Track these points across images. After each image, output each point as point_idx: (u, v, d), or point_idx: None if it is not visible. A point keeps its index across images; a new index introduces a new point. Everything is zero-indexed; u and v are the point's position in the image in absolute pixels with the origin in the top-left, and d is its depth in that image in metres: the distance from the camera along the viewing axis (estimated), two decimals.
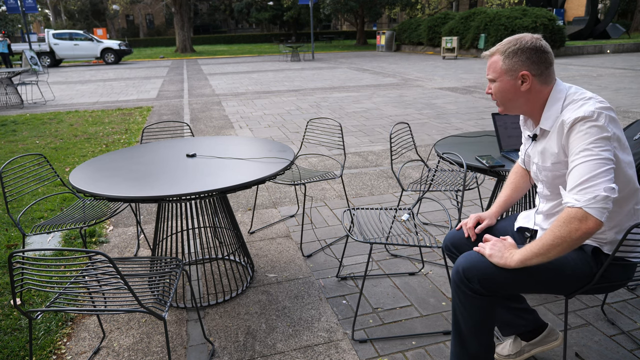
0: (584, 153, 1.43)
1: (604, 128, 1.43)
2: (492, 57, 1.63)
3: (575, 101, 1.54)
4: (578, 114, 1.46)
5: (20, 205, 4.05)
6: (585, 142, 1.43)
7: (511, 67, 1.58)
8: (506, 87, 1.61)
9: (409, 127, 3.35)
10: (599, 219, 1.38)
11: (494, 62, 1.62)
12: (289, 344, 2.18)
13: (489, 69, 1.64)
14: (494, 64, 1.62)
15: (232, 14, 49.45)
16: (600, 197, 1.37)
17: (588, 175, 1.40)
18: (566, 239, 1.41)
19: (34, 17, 52.64)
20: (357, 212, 2.50)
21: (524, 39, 1.57)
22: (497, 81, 1.63)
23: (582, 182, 1.41)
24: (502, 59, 1.59)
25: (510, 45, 1.58)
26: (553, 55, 1.59)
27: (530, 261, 1.49)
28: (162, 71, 18.28)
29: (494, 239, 1.62)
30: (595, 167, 1.40)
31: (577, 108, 1.50)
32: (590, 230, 1.39)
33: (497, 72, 1.61)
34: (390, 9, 34.59)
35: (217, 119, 7.99)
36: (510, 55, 1.58)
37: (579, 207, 1.39)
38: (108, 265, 1.61)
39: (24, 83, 10.33)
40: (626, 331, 2.18)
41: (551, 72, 1.59)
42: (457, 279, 1.63)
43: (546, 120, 1.59)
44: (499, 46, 1.62)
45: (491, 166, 2.27)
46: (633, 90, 9.69)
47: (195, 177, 2.22)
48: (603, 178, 1.39)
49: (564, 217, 1.42)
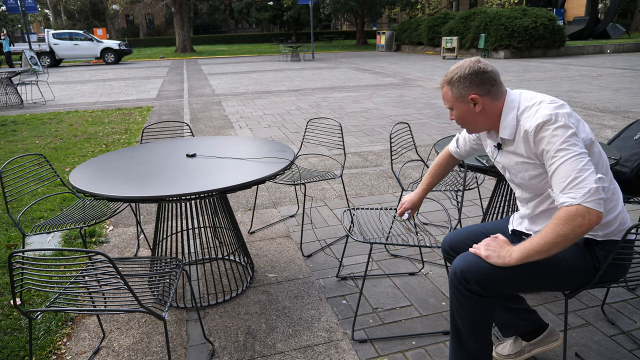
0: (560, 154, 1.48)
1: (566, 126, 1.49)
2: (442, 89, 1.72)
3: (529, 107, 1.60)
4: (537, 121, 1.52)
5: (20, 205, 4.05)
6: (557, 144, 1.48)
7: (459, 94, 1.67)
8: (463, 113, 1.69)
9: (409, 127, 3.35)
10: (599, 211, 1.41)
11: (444, 93, 1.71)
12: (289, 344, 2.18)
13: (444, 100, 1.73)
14: (446, 95, 1.71)
15: (232, 14, 49.45)
16: (593, 189, 1.41)
17: (573, 172, 1.44)
18: (569, 235, 1.43)
19: (34, 17, 52.65)
20: (357, 212, 2.50)
21: (463, 66, 1.65)
22: (454, 109, 1.71)
23: (570, 180, 1.45)
24: (450, 89, 1.68)
25: (453, 75, 1.67)
26: (496, 72, 1.65)
27: (531, 258, 1.50)
28: (162, 71, 18.28)
29: (487, 239, 1.63)
30: (576, 163, 1.45)
31: (534, 115, 1.56)
32: (592, 224, 1.42)
33: (450, 101, 1.70)
34: (390, 9, 34.59)
35: (217, 119, 7.99)
36: (455, 84, 1.66)
37: (577, 204, 1.42)
38: (108, 265, 1.61)
39: (24, 83, 10.33)
40: (626, 331, 2.18)
41: (498, 87, 1.65)
42: (454, 280, 1.64)
43: (504, 130, 1.66)
44: (444, 77, 1.71)
45: (491, 166, 2.27)
46: (633, 90, 9.69)
47: (195, 177, 2.22)
48: (588, 171, 1.44)
49: (564, 216, 1.44)
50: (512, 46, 18.66)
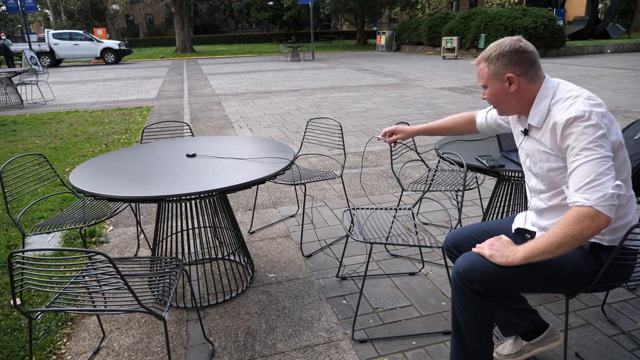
0: (585, 152, 1.45)
1: (598, 126, 1.46)
2: (479, 66, 1.69)
3: (563, 99, 1.56)
4: (570, 115, 1.49)
5: (20, 205, 4.05)
6: (585, 142, 1.45)
7: (496, 72, 1.63)
8: (497, 91, 1.66)
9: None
10: (609, 216, 1.41)
11: (480, 69, 1.68)
12: (289, 344, 2.18)
13: (478, 77, 1.71)
14: (481, 72, 1.68)
15: (232, 14, 49.44)
16: (608, 195, 1.40)
17: (594, 174, 1.42)
18: (577, 236, 1.42)
19: (33, 17, 52.64)
20: (357, 212, 2.50)
21: (503, 43, 1.62)
22: (487, 87, 1.68)
23: (588, 181, 1.43)
24: (487, 65, 1.65)
25: (492, 52, 1.63)
26: (536, 53, 1.62)
27: (536, 258, 1.50)
28: (162, 71, 18.28)
29: (491, 239, 1.62)
30: (598, 165, 1.43)
31: (567, 108, 1.52)
32: (601, 228, 1.41)
33: (485, 78, 1.67)
34: (390, 9, 34.59)
35: (217, 119, 7.99)
36: (493, 61, 1.63)
37: (589, 206, 1.41)
38: (108, 265, 1.61)
39: (24, 83, 10.33)
40: (626, 331, 2.18)
41: (537, 69, 1.62)
42: (457, 280, 1.63)
43: (534, 117, 1.63)
44: (482, 54, 1.68)
45: (491, 166, 2.27)
46: (633, 90, 9.69)
47: (195, 177, 2.22)
48: (608, 176, 1.42)
49: (574, 216, 1.43)
50: None
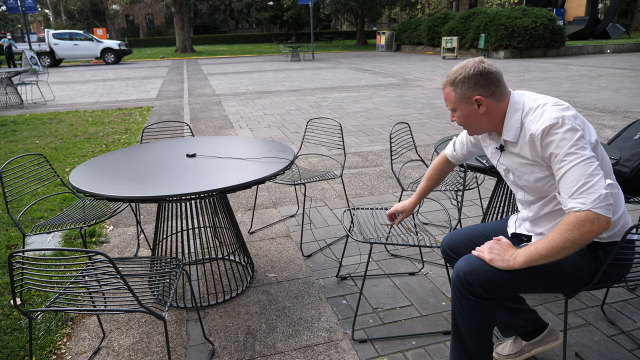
0: (569, 157, 1.45)
1: (574, 129, 1.47)
2: (445, 90, 1.68)
3: (532, 110, 1.57)
4: (544, 124, 1.50)
5: (20, 205, 4.05)
6: (566, 147, 1.46)
7: (463, 95, 1.63)
8: (466, 114, 1.66)
9: (409, 127, 3.35)
10: (608, 216, 1.41)
11: (447, 93, 1.67)
12: (289, 344, 2.18)
13: (446, 101, 1.69)
14: (448, 96, 1.66)
15: (232, 14, 49.44)
16: (602, 195, 1.40)
17: (583, 178, 1.42)
18: (578, 241, 1.42)
19: (33, 17, 52.64)
20: (357, 212, 2.50)
21: (467, 66, 1.61)
22: (457, 110, 1.67)
23: (580, 185, 1.43)
24: (453, 89, 1.64)
25: (456, 76, 1.62)
26: (500, 73, 1.62)
27: (536, 262, 1.49)
28: (162, 71, 18.28)
29: (490, 242, 1.62)
30: (585, 168, 1.43)
31: (539, 118, 1.53)
32: (602, 229, 1.41)
33: (452, 102, 1.66)
34: (390, 9, 34.58)
35: (217, 119, 7.99)
36: (459, 85, 1.62)
37: (587, 210, 1.41)
38: (108, 265, 1.61)
39: (24, 83, 10.33)
40: (626, 331, 2.18)
41: (502, 88, 1.62)
42: (457, 283, 1.63)
43: (508, 132, 1.63)
44: (447, 78, 1.66)
45: (491, 166, 2.27)
46: (633, 90, 9.69)
47: (195, 177, 2.22)
48: (597, 176, 1.42)
49: (573, 221, 1.43)
50: (512, 46, 18.66)
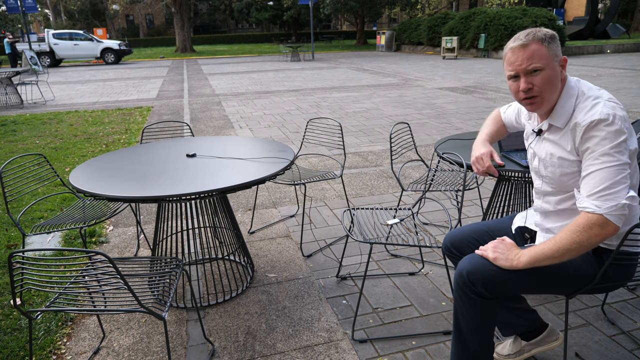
0: (604, 158, 1.41)
1: (621, 131, 1.41)
2: (529, 47, 1.49)
3: (585, 98, 1.50)
4: (594, 117, 1.43)
5: (20, 205, 4.05)
6: (606, 147, 1.41)
7: (555, 53, 1.49)
8: (554, 74, 1.50)
9: (409, 127, 3.35)
10: (617, 225, 1.40)
11: (536, 50, 1.48)
12: (289, 344, 2.18)
13: (531, 59, 1.49)
14: (538, 52, 1.48)
15: (232, 14, 49.43)
16: (620, 205, 1.39)
17: (609, 182, 1.40)
18: (584, 244, 1.42)
19: (33, 17, 52.63)
20: (357, 212, 2.50)
21: (542, 30, 1.50)
22: (545, 69, 1.49)
23: (603, 188, 1.41)
24: (545, 46, 1.48)
25: (542, 34, 1.49)
26: None
27: (540, 263, 1.48)
28: (162, 71, 18.28)
29: (494, 242, 1.61)
30: (615, 173, 1.40)
31: (590, 109, 1.47)
32: (608, 236, 1.41)
33: (545, 59, 1.48)
34: (390, 9, 34.58)
35: (217, 119, 7.99)
36: (549, 41, 1.49)
37: (600, 214, 1.40)
38: (108, 265, 1.61)
39: (24, 83, 10.33)
40: (626, 331, 2.18)
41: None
42: (460, 282, 1.63)
43: (559, 117, 1.54)
44: (529, 36, 1.49)
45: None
46: (633, 90, 9.69)
47: (195, 177, 2.22)
48: (623, 184, 1.40)
49: (583, 223, 1.42)
50: None
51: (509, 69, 1.55)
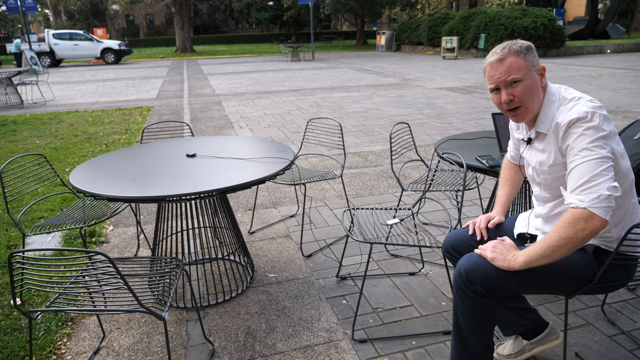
0: (583, 153, 1.44)
1: (599, 127, 1.45)
2: (506, 60, 1.54)
3: (566, 101, 1.55)
4: (572, 116, 1.48)
5: (20, 205, 4.05)
6: (584, 142, 1.44)
7: (532, 63, 1.55)
8: (533, 84, 1.55)
9: (409, 127, 3.35)
10: (604, 218, 1.40)
11: (512, 63, 1.53)
12: (289, 344, 2.18)
13: (509, 71, 1.54)
14: (515, 64, 1.53)
15: (232, 14, 49.43)
16: (603, 196, 1.39)
17: (589, 175, 1.41)
18: (572, 239, 1.42)
19: (34, 17, 52.62)
20: (357, 212, 2.50)
21: (518, 41, 1.57)
22: (523, 80, 1.54)
23: (584, 182, 1.42)
24: (522, 57, 1.54)
25: (517, 46, 1.55)
26: None
27: (535, 263, 1.49)
28: (162, 71, 18.28)
29: (494, 241, 1.61)
30: (595, 166, 1.41)
31: (570, 109, 1.51)
32: (596, 230, 1.40)
33: (522, 69, 1.54)
34: (390, 9, 34.58)
35: (217, 119, 7.99)
36: (525, 52, 1.54)
37: (583, 208, 1.40)
38: (108, 265, 1.61)
39: (24, 83, 10.33)
40: (626, 331, 2.18)
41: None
42: (459, 282, 1.63)
43: (543, 123, 1.59)
44: (504, 50, 1.55)
45: (491, 166, 2.27)
46: (633, 90, 9.69)
47: (195, 177, 2.22)
48: (604, 177, 1.40)
49: (568, 218, 1.42)
50: None
51: (490, 82, 1.61)
